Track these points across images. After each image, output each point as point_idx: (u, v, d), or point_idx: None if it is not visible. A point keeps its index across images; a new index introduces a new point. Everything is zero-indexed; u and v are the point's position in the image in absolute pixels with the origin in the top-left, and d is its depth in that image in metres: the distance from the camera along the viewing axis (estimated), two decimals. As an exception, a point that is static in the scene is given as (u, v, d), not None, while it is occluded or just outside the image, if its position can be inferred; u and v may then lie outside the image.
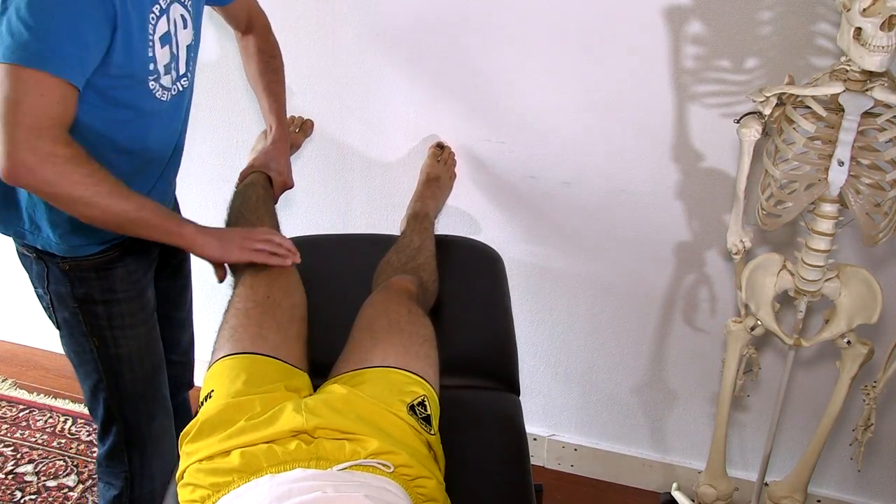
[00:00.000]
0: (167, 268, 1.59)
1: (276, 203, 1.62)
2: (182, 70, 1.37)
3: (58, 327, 1.47)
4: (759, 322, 1.52)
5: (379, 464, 1.05)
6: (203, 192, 2.08)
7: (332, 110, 1.91)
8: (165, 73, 1.31)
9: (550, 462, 2.17)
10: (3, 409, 2.34)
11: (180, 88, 1.38)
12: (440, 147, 1.84)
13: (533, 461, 1.39)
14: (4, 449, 2.20)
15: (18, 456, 2.18)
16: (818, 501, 1.97)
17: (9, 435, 2.25)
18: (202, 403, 1.18)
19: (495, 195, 1.89)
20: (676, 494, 1.95)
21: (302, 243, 1.44)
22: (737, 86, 1.60)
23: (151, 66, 1.27)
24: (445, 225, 1.88)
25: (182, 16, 1.34)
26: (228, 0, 1.55)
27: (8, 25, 1.10)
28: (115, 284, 1.42)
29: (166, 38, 1.30)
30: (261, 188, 1.58)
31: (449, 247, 1.69)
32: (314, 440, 1.07)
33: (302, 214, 2.05)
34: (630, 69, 1.66)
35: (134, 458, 1.53)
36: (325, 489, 0.97)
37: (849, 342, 1.49)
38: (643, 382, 2.00)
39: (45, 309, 1.46)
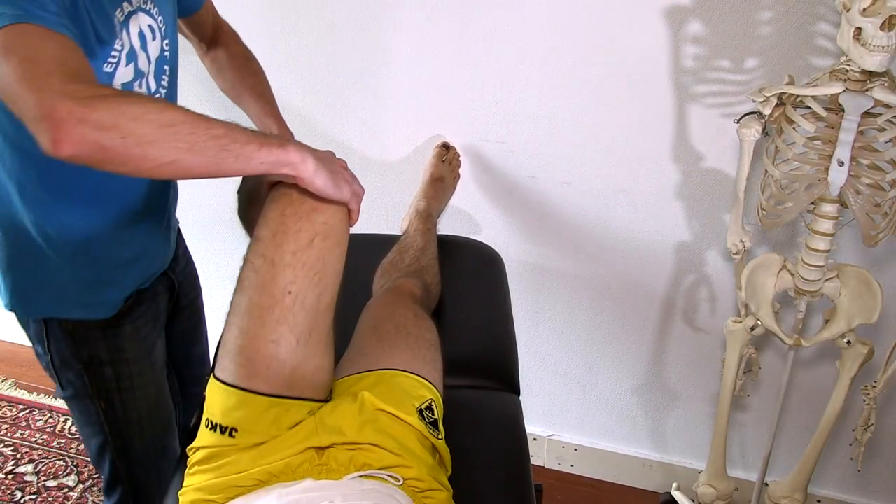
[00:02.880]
0: (180, 312, 1.49)
1: None
2: (153, 86, 1.22)
3: (61, 387, 1.34)
4: (759, 322, 1.52)
5: (389, 475, 1.04)
6: (203, 191, 2.08)
7: (332, 110, 1.91)
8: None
9: (550, 462, 2.17)
10: (3, 409, 2.34)
11: None
12: (446, 147, 1.83)
13: (533, 461, 1.39)
14: (4, 449, 2.20)
15: (18, 456, 2.18)
16: (818, 501, 1.97)
17: (9, 435, 2.25)
18: (209, 424, 1.07)
19: (495, 195, 1.89)
20: (676, 494, 1.95)
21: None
22: (737, 86, 1.60)
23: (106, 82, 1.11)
24: (445, 225, 1.88)
25: (150, 26, 1.20)
26: (197, 6, 1.39)
27: None
28: (123, 343, 1.30)
29: (132, 56, 1.15)
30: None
31: (449, 247, 1.68)
32: (326, 450, 1.06)
33: (302, 214, 2.05)
34: (630, 69, 1.66)
35: None
36: (334, 499, 0.97)
37: (849, 342, 1.49)
38: (643, 382, 2.00)
39: (46, 368, 1.32)
